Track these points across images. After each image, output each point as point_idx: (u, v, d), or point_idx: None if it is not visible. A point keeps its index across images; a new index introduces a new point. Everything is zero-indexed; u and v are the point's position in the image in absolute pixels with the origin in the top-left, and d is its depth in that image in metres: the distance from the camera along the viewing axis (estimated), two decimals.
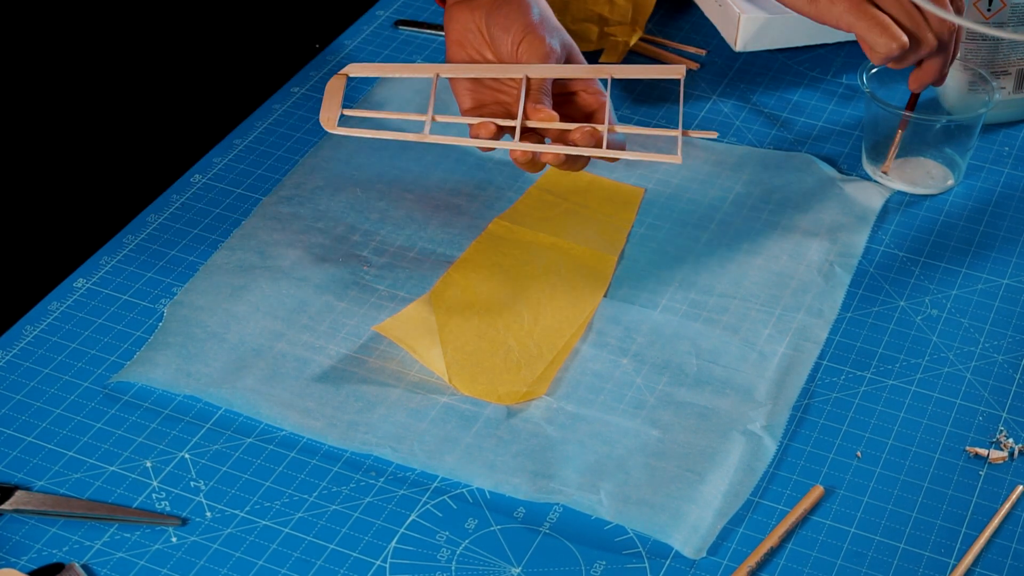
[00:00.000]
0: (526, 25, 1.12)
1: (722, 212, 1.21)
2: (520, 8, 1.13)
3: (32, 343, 1.08)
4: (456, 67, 1.12)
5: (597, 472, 0.99)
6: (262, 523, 0.96)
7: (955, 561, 0.95)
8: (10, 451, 1.00)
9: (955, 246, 1.19)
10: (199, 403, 1.04)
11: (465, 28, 1.15)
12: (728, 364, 1.07)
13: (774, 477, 1.00)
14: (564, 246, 1.16)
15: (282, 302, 1.11)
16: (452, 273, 1.14)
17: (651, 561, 0.95)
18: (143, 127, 1.38)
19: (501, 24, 1.12)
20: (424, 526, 0.96)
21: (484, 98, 1.14)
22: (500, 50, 1.13)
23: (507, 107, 1.14)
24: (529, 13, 1.13)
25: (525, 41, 1.11)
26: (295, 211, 1.19)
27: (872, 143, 1.25)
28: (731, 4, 1.32)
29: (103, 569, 0.93)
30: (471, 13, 1.15)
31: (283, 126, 1.29)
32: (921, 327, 1.12)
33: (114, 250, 1.16)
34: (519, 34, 1.12)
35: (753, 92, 1.35)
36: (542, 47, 1.11)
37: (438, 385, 1.05)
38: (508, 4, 1.13)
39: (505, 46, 1.12)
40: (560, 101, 1.14)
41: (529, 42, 1.11)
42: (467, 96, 1.15)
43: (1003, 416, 1.05)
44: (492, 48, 1.14)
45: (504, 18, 1.12)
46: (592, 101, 1.13)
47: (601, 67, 1.11)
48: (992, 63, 1.28)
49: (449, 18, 1.17)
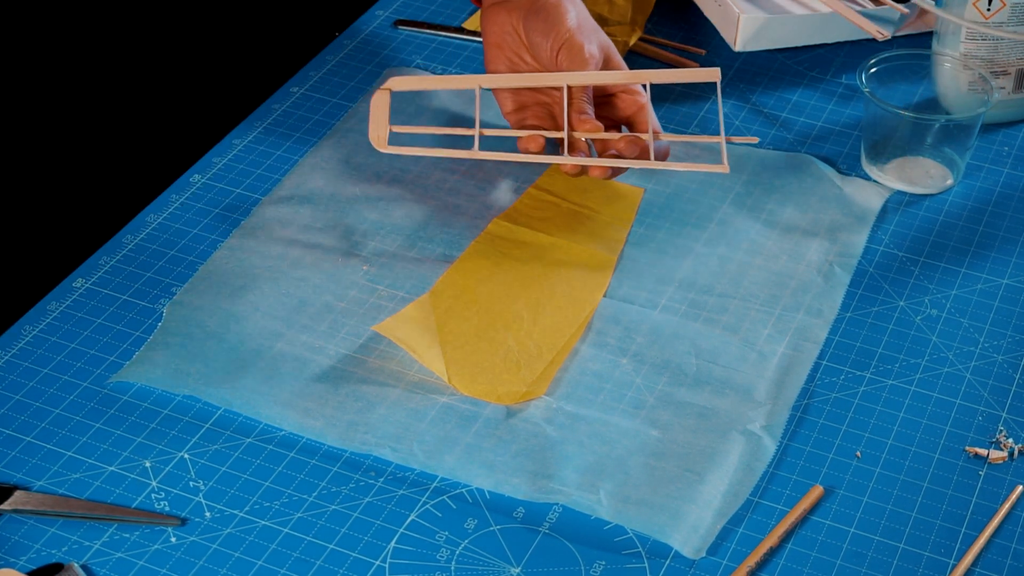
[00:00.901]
0: (565, 31, 1.13)
1: (722, 212, 1.21)
2: (558, 12, 1.14)
3: (31, 343, 1.08)
4: (497, 78, 1.15)
5: (597, 472, 0.99)
6: (261, 523, 0.96)
7: (955, 561, 0.95)
8: (9, 451, 1.00)
9: (954, 246, 1.19)
10: (198, 403, 1.04)
11: (503, 31, 1.16)
12: (728, 364, 1.07)
13: (774, 477, 1.00)
14: (564, 246, 1.16)
15: (282, 302, 1.11)
16: (452, 273, 1.14)
17: (651, 561, 0.95)
18: (143, 127, 1.38)
19: (540, 29, 1.13)
20: (424, 526, 0.96)
21: (525, 99, 1.16)
22: (539, 55, 1.14)
23: (548, 108, 1.16)
24: (566, 18, 1.14)
25: (564, 48, 1.13)
26: (295, 211, 1.19)
27: (871, 143, 1.25)
28: (731, 4, 1.32)
29: (102, 569, 0.93)
30: (508, 15, 1.16)
31: (283, 126, 1.29)
32: (921, 327, 1.12)
33: (114, 250, 1.16)
34: (558, 41, 1.13)
35: (753, 92, 1.35)
36: (581, 53, 1.13)
37: (438, 385, 1.05)
38: (546, 8, 1.14)
39: (544, 52, 1.14)
40: (600, 103, 1.16)
41: (568, 48, 1.13)
42: (508, 98, 1.17)
43: (1003, 416, 1.05)
44: (531, 52, 1.15)
45: (542, 23, 1.13)
46: (631, 103, 1.15)
47: (638, 73, 1.13)
48: (992, 63, 1.28)
49: (486, 19, 1.17)
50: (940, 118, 1.24)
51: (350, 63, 1.37)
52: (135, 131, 1.37)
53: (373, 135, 1.14)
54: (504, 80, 1.15)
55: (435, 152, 1.14)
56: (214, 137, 1.28)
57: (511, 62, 1.17)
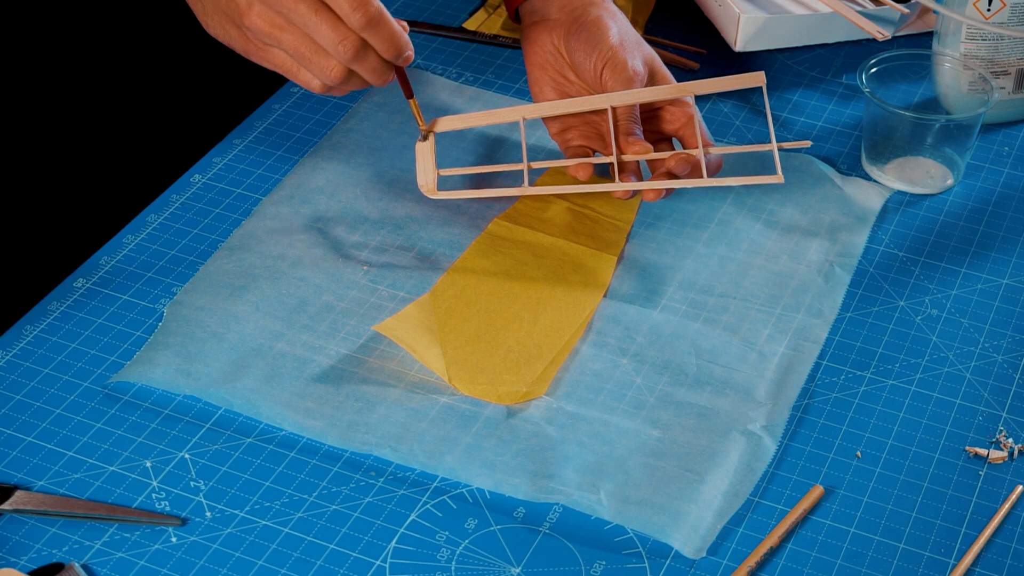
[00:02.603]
0: (608, 49, 1.12)
1: (722, 212, 1.21)
2: (599, 29, 1.13)
3: (32, 343, 1.08)
4: (540, 107, 1.15)
5: (597, 472, 0.99)
6: (262, 523, 0.96)
7: (955, 561, 0.95)
8: (10, 451, 1.00)
9: (955, 246, 1.19)
10: (199, 403, 1.04)
11: (544, 51, 1.16)
12: (728, 364, 1.07)
13: (774, 477, 1.00)
14: (564, 246, 1.16)
15: (282, 302, 1.11)
16: (452, 273, 1.14)
17: (651, 561, 0.95)
18: (143, 127, 1.38)
19: (582, 49, 1.12)
20: (424, 526, 0.96)
21: (571, 119, 1.16)
22: (583, 75, 1.14)
23: (595, 125, 1.15)
24: (608, 35, 1.13)
25: (608, 67, 1.12)
26: (295, 211, 1.19)
27: (871, 143, 1.25)
28: (731, 4, 1.32)
29: (103, 569, 0.93)
30: (549, 34, 1.15)
31: (283, 126, 1.29)
32: (921, 327, 1.12)
33: (114, 250, 1.16)
34: (601, 60, 1.12)
35: (753, 92, 1.35)
36: (625, 71, 1.12)
37: (438, 385, 1.05)
38: (586, 26, 1.13)
39: (588, 72, 1.13)
40: (647, 117, 1.15)
41: (612, 67, 1.12)
42: (554, 119, 1.16)
43: (1003, 416, 1.05)
44: (575, 71, 1.14)
45: (584, 43, 1.12)
46: (680, 114, 1.14)
47: (683, 86, 1.13)
48: (992, 63, 1.28)
49: (527, 39, 1.17)
50: (940, 118, 1.24)
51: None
52: (135, 131, 1.37)
53: (421, 181, 1.14)
54: (548, 109, 1.14)
55: (485, 193, 1.15)
56: (214, 137, 1.28)
57: (555, 82, 1.17)
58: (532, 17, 1.18)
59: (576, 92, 1.17)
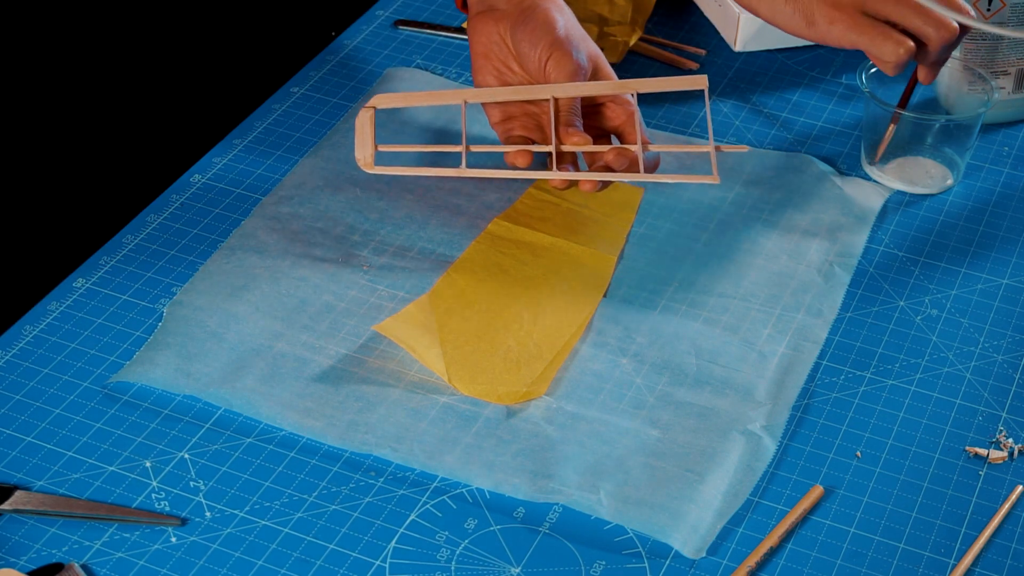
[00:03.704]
0: (553, 41, 1.12)
1: (722, 212, 1.21)
2: (546, 22, 1.13)
3: (31, 343, 1.08)
4: (483, 92, 1.14)
5: (597, 472, 0.99)
6: (262, 523, 0.96)
7: (955, 561, 0.95)
8: (10, 451, 1.00)
9: (954, 246, 1.19)
10: (198, 403, 1.04)
11: (490, 40, 1.15)
12: (728, 364, 1.07)
13: (774, 477, 1.00)
14: (564, 246, 1.16)
15: (282, 302, 1.11)
16: (452, 273, 1.14)
17: (651, 561, 0.95)
18: (143, 127, 1.38)
19: (527, 40, 1.12)
20: (424, 526, 0.96)
21: (512, 110, 1.16)
22: (527, 66, 1.14)
23: (536, 117, 1.15)
24: (555, 27, 1.12)
25: (552, 59, 1.11)
26: (295, 211, 1.19)
27: (871, 143, 1.25)
28: (731, 4, 1.32)
29: (103, 569, 0.93)
30: (495, 24, 1.15)
31: (283, 126, 1.29)
32: (921, 327, 1.12)
33: (114, 250, 1.16)
34: (546, 51, 1.12)
35: (752, 92, 1.35)
36: (569, 64, 1.11)
37: (438, 385, 1.05)
38: (533, 17, 1.13)
39: (532, 62, 1.13)
40: (588, 112, 1.14)
41: (556, 59, 1.11)
42: (496, 109, 1.16)
43: (1003, 416, 1.05)
44: (519, 61, 1.14)
45: (530, 33, 1.12)
46: (620, 112, 1.14)
47: (625, 83, 1.12)
48: (992, 63, 1.28)
49: (473, 29, 1.17)
50: (940, 118, 1.24)
51: (350, 63, 1.37)
52: (135, 131, 1.37)
53: (359, 155, 1.13)
54: (490, 95, 1.14)
55: (422, 171, 1.13)
56: (214, 137, 1.28)
57: (498, 72, 1.16)
58: (479, 6, 1.18)
59: (519, 83, 1.16)
